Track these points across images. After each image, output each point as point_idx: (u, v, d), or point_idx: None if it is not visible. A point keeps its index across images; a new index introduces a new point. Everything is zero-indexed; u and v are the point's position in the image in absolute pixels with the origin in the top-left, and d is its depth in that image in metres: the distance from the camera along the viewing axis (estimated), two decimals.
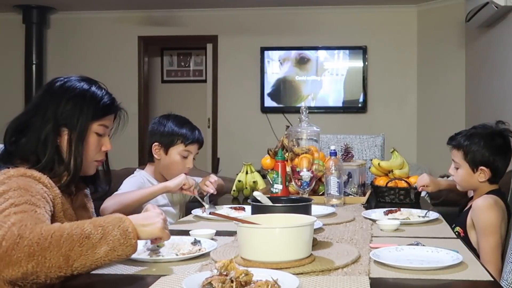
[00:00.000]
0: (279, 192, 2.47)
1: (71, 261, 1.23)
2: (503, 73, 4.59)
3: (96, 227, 1.27)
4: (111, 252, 1.27)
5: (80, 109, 1.55)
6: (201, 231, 1.79)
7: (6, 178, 1.41)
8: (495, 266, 2.00)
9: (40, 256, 1.20)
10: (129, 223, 1.31)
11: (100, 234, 1.26)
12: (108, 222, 1.29)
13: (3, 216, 1.27)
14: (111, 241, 1.27)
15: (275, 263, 1.33)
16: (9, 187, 1.37)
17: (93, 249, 1.24)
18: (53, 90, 1.58)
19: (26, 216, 1.29)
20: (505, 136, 2.22)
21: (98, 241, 1.25)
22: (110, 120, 1.65)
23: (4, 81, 6.76)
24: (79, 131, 1.56)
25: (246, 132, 6.48)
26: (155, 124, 2.50)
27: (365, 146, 3.37)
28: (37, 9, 6.45)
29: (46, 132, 1.53)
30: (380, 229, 1.90)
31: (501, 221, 2.08)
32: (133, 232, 1.31)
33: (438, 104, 6.11)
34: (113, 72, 6.53)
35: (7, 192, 1.36)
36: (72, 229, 1.25)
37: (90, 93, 1.58)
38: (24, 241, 1.20)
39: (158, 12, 6.54)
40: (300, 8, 6.37)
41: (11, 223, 1.24)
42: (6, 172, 1.43)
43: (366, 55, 6.32)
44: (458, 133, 2.29)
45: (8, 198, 1.34)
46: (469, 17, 4.94)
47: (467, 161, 2.21)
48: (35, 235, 1.21)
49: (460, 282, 1.30)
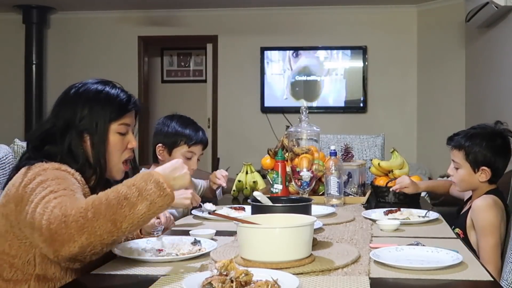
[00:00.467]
0: (279, 192, 2.47)
1: (119, 224, 1.26)
2: (503, 73, 4.59)
3: (129, 187, 1.30)
4: (152, 206, 1.29)
5: (96, 112, 1.56)
6: (201, 231, 1.79)
7: (42, 170, 1.44)
8: (495, 266, 2.00)
9: (90, 227, 1.24)
10: (158, 175, 1.33)
11: (136, 192, 1.29)
12: (139, 180, 1.32)
13: (44, 203, 1.31)
14: (148, 196, 1.29)
15: (275, 263, 1.33)
16: (46, 177, 1.40)
17: (134, 207, 1.27)
18: (69, 97, 1.59)
19: (65, 198, 1.32)
20: (505, 137, 2.23)
21: (137, 199, 1.28)
22: (130, 118, 1.64)
23: (4, 81, 6.76)
24: (99, 134, 1.56)
25: (246, 132, 6.48)
26: (159, 125, 2.50)
27: (365, 146, 3.37)
28: (37, 9, 6.44)
29: (68, 140, 1.54)
30: (380, 229, 1.90)
31: (500, 221, 2.08)
32: (166, 182, 1.33)
33: (438, 104, 6.11)
34: (113, 72, 6.51)
35: (45, 182, 1.39)
36: (108, 195, 1.29)
37: (104, 94, 1.58)
38: (69, 218, 1.24)
39: (158, 12, 6.54)
40: (300, 8, 6.37)
41: (52, 207, 1.28)
42: (41, 165, 1.46)
43: (366, 55, 6.32)
44: (457, 134, 2.29)
45: (46, 187, 1.37)
46: (469, 17, 4.94)
47: (469, 161, 2.21)
48: (77, 211, 1.25)
49: (460, 282, 1.30)
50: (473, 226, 2.13)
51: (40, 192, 1.35)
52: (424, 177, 5.01)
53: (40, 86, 6.50)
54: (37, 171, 1.43)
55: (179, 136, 2.45)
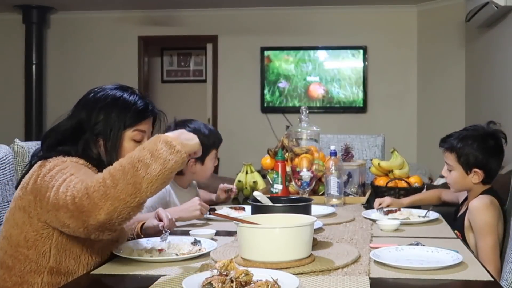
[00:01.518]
0: (279, 192, 2.47)
1: (138, 185, 1.30)
2: (503, 73, 4.59)
3: (141, 150, 1.34)
4: (166, 163, 1.32)
5: (112, 117, 1.57)
6: (201, 231, 1.80)
7: (60, 161, 1.48)
8: (494, 266, 1.99)
9: (111, 193, 1.28)
10: (166, 136, 1.37)
11: (148, 154, 1.33)
12: (148, 144, 1.36)
13: (67, 182, 1.36)
14: (160, 155, 1.33)
15: (275, 263, 1.33)
16: (65, 166, 1.45)
17: (149, 167, 1.31)
18: (86, 100, 1.60)
19: (84, 177, 1.38)
20: (497, 137, 2.22)
21: (150, 159, 1.32)
22: (146, 125, 1.64)
23: (4, 81, 6.76)
24: (112, 139, 1.56)
25: (246, 132, 6.48)
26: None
27: (365, 146, 3.37)
28: (37, 9, 6.44)
29: (83, 142, 1.55)
30: (380, 229, 1.90)
31: (497, 221, 2.08)
32: (174, 141, 1.36)
33: (438, 104, 6.11)
34: (113, 72, 6.53)
35: (65, 169, 1.43)
36: (122, 162, 1.33)
37: (121, 101, 1.59)
38: (90, 189, 1.30)
39: (158, 12, 6.54)
40: (300, 8, 6.37)
41: (75, 183, 1.34)
42: (59, 158, 1.50)
43: (366, 55, 6.32)
44: (449, 135, 2.28)
45: (66, 172, 1.41)
46: (469, 17, 4.94)
47: (460, 163, 2.20)
48: (96, 182, 1.31)
49: (460, 282, 1.30)
50: (471, 228, 2.12)
51: (60, 177, 1.40)
52: (424, 177, 5.00)
53: (40, 86, 6.49)
54: (56, 162, 1.47)
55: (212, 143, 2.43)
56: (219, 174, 4.82)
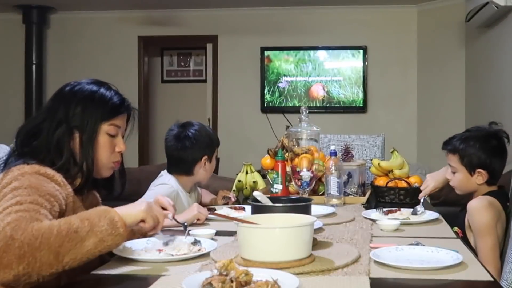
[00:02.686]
0: (279, 192, 2.47)
1: (61, 257, 1.24)
2: (503, 73, 4.59)
3: (82, 220, 1.29)
4: (100, 243, 1.28)
5: (89, 110, 1.56)
6: (201, 231, 1.79)
7: (20, 174, 1.42)
8: (494, 266, 1.99)
9: (31, 257, 1.21)
10: (114, 213, 1.33)
11: (87, 227, 1.28)
12: (94, 214, 1.32)
13: (4, 214, 1.28)
14: (99, 232, 1.28)
15: (275, 263, 1.33)
16: (20, 184, 1.38)
17: (81, 242, 1.26)
18: (63, 94, 1.59)
19: (24, 215, 1.28)
20: (500, 137, 2.22)
21: (86, 234, 1.27)
22: (121, 120, 1.64)
23: (4, 81, 6.76)
24: (88, 132, 1.55)
25: (246, 132, 6.48)
26: (199, 137, 2.41)
27: (365, 146, 3.37)
28: (37, 9, 6.44)
29: (58, 135, 1.53)
30: (380, 229, 1.90)
31: (496, 221, 2.07)
32: (120, 221, 1.33)
33: (438, 104, 6.11)
34: (113, 72, 6.52)
35: (17, 189, 1.36)
36: (61, 226, 1.26)
37: (99, 94, 1.59)
38: (15, 242, 1.20)
39: (158, 12, 6.54)
40: (300, 8, 6.37)
41: (7, 223, 1.24)
42: (21, 168, 1.44)
43: (366, 55, 6.32)
44: (452, 137, 2.28)
45: (15, 196, 1.34)
46: (469, 17, 4.94)
47: (464, 164, 2.19)
48: (26, 236, 1.21)
49: (460, 282, 1.30)
50: (470, 228, 2.13)
51: (8, 200, 1.33)
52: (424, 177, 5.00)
53: (40, 86, 6.49)
54: (15, 175, 1.42)
55: (214, 142, 2.50)
56: (219, 174, 4.81)
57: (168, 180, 2.39)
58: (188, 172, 2.42)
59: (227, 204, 2.46)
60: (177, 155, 2.41)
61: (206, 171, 2.45)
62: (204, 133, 2.45)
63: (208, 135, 2.46)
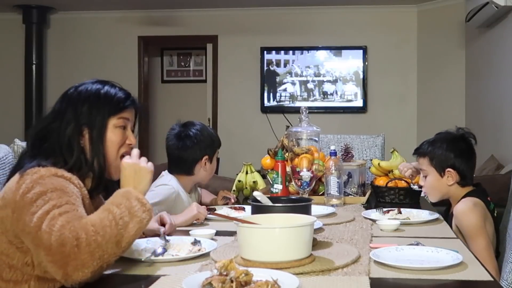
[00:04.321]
0: (279, 192, 2.47)
1: (120, 244, 1.30)
2: (503, 73, 4.59)
3: (118, 206, 1.35)
4: (141, 222, 1.35)
5: (96, 107, 1.56)
6: (201, 231, 1.79)
7: (39, 178, 1.39)
8: (491, 265, 1.99)
9: (100, 251, 1.26)
10: (136, 193, 1.40)
11: (126, 211, 1.34)
12: (123, 198, 1.37)
13: (49, 219, 1.28)
14: (136, 212, 1.35)
15: (275, 263, 1.33)
16: (45, 187, 1.36)
17: (128, 226, 1.32)
18: (68, 95, 1.59)
19: (71, 215, 1.31)
20: (467, 139, 2.25)
21: (128, 217, 1.33)
22: (129, 113, 1.63)
23: (4, 81, 6.76)
24: (98, 127, 1.55)
25: (246, 132, 6.48)
26: (200, 136, 2.40)
27: (365, 146, 3.37)
28: (37, 9, 6.44)
29: (68, 134, 1.52)
30: (380, 229, 1.90)
31: (484, 221, 2.08)
32: (142, 198, 1.40)
33: (438, 104, 6.11)
34: (113, 72, 6.49)
35: (46, 194, 1.35)
36: (107, 217, 1.32)
37: (104, 91, 1.59)
38: (82, 242, 1.25)
39: (158, 12, 6.54)
40: (300, 8, 6.37)
41: (60, 226, 1.26)
42: (37, 171, 1.41)
43: (366, 55, 6.32)
44: (422, 143, 2.33)
45: (48, 200, 1.33)
46: (469, 17, 4.94)
47: (434, 166, 2.22)
48: (88, 233, 1.26)
49: (460, 282, 1.30)
50: (460, 232, 2.13)
51: (41, 205, 1.32)
52: None
53: (40, 86, 6.50)
54: (34, 178, 1.39)
55: (216, 142, 2.49)
56: (219, 174, 4.81)
57: (169, 180, 2.39)
58: (188, 172, 2.42)
59: (227, 204, 2.46)
60: (178, 154, 2.41)
61: (206, 171, 2.45)
62: (206, 133, 2.45)
63: (210, 135, 2.46)
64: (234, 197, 2.56)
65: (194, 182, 2.49)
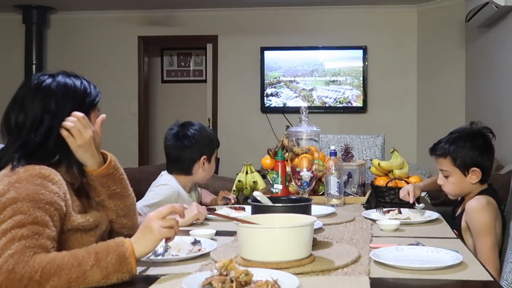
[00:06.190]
0: (279, 192, 2.47)
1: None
2: (503, 73, 4.59)
3: (90, 253, 1.26)
4: (104, 280, 1.24)
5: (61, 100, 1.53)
6: (201, 231, 1.79)
7: (16, 181, 1.37)
8: (494, 266, 1.99)
9: None
10: (128, 247, 1.29)
11: (93, 261, 1.24)
12: (103, 248, 1.28)
13: (5, 241, 1.25)
14: (104, 268, 1.24)
15: (275, 263, 1.33)
16: (18, 194, 1.33)
17: (84, 276, 1.23)
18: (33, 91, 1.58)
19: (28, 244, 1.26)
20: (484, 135, 2.22)
21: (90, 268, 1.23)
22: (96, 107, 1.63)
23: (4, 81, 6.75)
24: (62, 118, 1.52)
25: (246, 132, 6.48)
26: (198, 136, 2.41)
27: (365, 146, 3.37)
28: (37, 9, 6.44)
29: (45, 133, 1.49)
30: (380, 229, 1.90)
31: (495, 221, 2.07)
32: (131, 257, 1.28)
33: (438, 104, 6.11)
34: (113, 72, 6.53)
35: (16, 203, 1.32)
36: (64, 258, 1.24)
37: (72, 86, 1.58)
38: (16, 276, 1.20)
39: (158, 12, 6.54)
40: (300, 8, 6.37)
41: (9, 255, 1.23)
42: (16, 172, 1.39)
43: (366, 55, 6.32)
44: (438, 142, 2.27)
45: (16, 212, 1.30)
46: (469, 17, 4.94)
47: (457, 166, 2.17)
48: (27, 269, 1.21)
49: (460, 282, 1.30)
50: (468, 229, 2.12)
51: (7, 217, 1.29)
52: (424, 177, 5.00)
53: None
54: (13, 181, 1.36)
55: (214, 142, 2.50)
56: (219, 174, 4.81)
57: (169, 180, 2.39)
58: (186, 172, 2.42)
59: (227, 204, 2.46)
60: (176, 154, 2.42)
61: (205, 171, 2.45)
62: (204, 133, 2.45)
63: (208, 135, 2.47)
64: (234, 197, 2.56)
65: (193, 182, 2.49)
